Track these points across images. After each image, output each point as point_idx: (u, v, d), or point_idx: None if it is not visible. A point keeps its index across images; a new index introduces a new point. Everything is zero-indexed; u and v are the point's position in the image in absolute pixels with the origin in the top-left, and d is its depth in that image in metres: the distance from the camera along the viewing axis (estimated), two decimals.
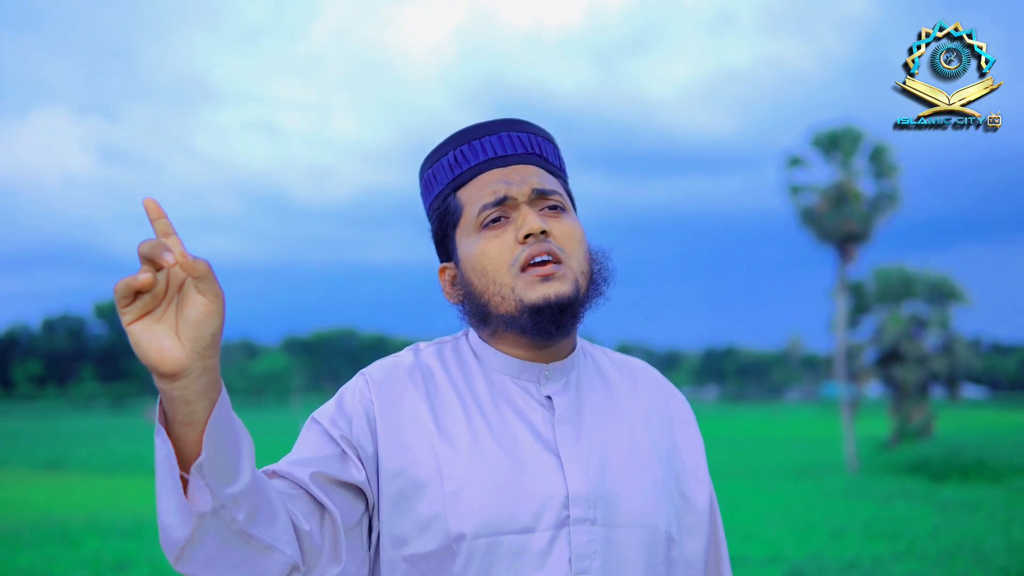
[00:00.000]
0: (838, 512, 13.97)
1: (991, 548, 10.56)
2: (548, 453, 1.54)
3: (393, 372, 1.61)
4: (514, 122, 1.68)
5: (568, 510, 1.51)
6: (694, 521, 1.65)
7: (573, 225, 1.61)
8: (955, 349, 27.43)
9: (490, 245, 1.57)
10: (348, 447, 1.52)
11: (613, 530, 1.53)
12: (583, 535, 1.51)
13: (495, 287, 1.56)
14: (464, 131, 1.66)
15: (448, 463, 1.51)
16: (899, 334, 26.80)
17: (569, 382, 1.63)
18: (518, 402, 1.59)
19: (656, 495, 1.58)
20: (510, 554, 1.48)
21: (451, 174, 1.64)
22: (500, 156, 1.63)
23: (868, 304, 27.39)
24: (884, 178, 23.94)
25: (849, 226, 23.37)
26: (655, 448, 1.63)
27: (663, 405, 1.72)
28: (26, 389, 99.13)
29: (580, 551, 1.50)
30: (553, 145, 1.71)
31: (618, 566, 1.52)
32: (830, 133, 23.89)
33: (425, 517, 1.50)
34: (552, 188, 1.61)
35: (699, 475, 1.68)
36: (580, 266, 1.58)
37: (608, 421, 1.62)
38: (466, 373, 1.63)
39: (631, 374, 1.73)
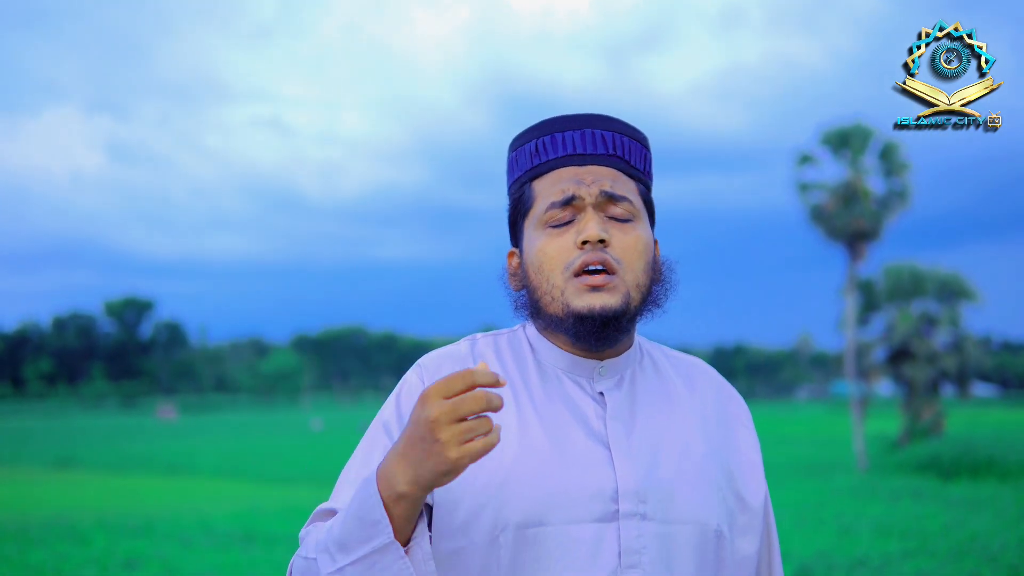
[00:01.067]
0: (848, 510, 13.96)
1: (1001, 546, 10.54)
2: (599, 447, 1.55)
3: (447, 361, 1.63)
4: (601, 119, 1.65)
5: (617, 504, 1.51)
6: (748, 521, 1.64)
7: (637, 236, 1.58)
8: (965, 347, 27.35)
9: (550, 244, 1.57)
10: None
11: (664, 526, 1.52)
12: (632, 529, 1.50)
13: (547, 286, 1.57)
14: (550, 121, 1.65)
15: (497, 455, 1.52)
16: (909, 332, 26.73)
17: (623, 379, 1.63)
18: (571, 396, 1.60)
19: (708, 493, 1.57)
20: (559, 545, 1.49)
21: (530, 163, 1.64)
22: (579, 154, 1.61)
23: (878, 302, 27.32)
24: (894, 176, 23.87)
25: (859, 224, 23.32)
26: (710, 447, 1.62)
27: (720, 405, 1.71)
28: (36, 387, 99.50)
29: (629, 545, 1.50)
30: (641, 147, 1.68)
31: (668, 561, 1.52)
32: (839, 131, 23.82)
33: (473, 507, 1.50)
34: (623, 194, 1.59)
35: (755, 475, 1.68)
36: (635, 279, 1.57)
37: (662, 419, 1.62)
38: (520, 364, 1.64)
39: (689, 373, 1.73)
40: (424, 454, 1.31)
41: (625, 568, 1.49)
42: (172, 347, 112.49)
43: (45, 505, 15.49)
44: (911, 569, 9.40)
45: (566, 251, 1.56)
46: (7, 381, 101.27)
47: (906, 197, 23.77)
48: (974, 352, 27.55)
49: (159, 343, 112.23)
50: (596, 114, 1.65)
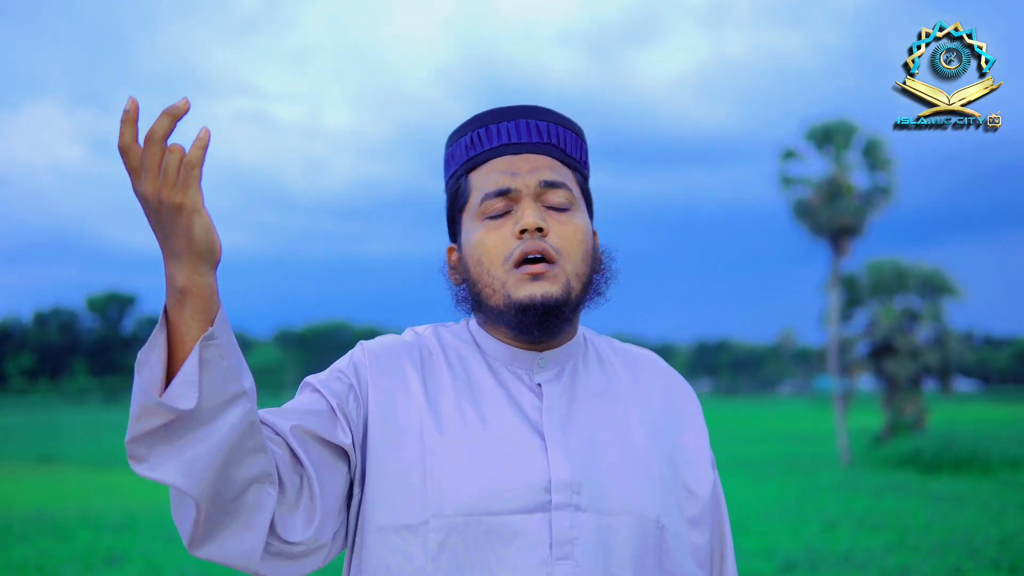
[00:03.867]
0: (831, 505, 14.00)
1: (983, 540, 10.59)
2: (535, 438, 1.54)
3: (392, 346, 1.64)
4: (535, 109, 1.65)
5: (550, 495, 1.50)
6: (698, 512, 1.64)
7: (575, 225, 1.58)
8: (948, 342, 27.46)
9: (488, 236, 1.57)
10: (338, 408, 1.52)
11: (599, 517, 1.52)
12: (565, 520, 1.50)
13: (488, 278, 1.57)
14: (485, 114, 1.65)
15: (433, 441, 1.52)
16: (892, 327, 26.83)
17: (563, 370, 1.63)
18: (510, 388, 1.60)
19: (648, 484, 1.57)
20: (490, 534, 1.48)
21: (465, 155, 1.63)
22: (513, 143, 1.61)
23: (861, 297, 27.41)
24: (878, 171, 23.96)
25: (842, 219, 23.39)
26: (653, 439, 1.62)
27: (667, 395, 1.71)
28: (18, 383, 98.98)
29: (561, 536, 1.49)
30: (577, 137, 1.67)
31: (604, 553, 1.52)
32: (824, 126, 23.89)
33: (407, 491, 1.50)
34: (560, 181, 1.59)
35: (703, 466, 1.67)
36: (575, 268, 1.57)
37: (602, 410, 1.62)
38: (462, 356, 1.64)
39: (634, 364, 1.72)
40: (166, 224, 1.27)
41: (556, 559, 1.49)
42: None
43: (27, 501, 15.41)
44: (894, 563, 9.44)
45: (505, 242, 1.55)
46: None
47: (889, 193, 23.86)
48: (956, 347, 27.67)
49: (141, 338, 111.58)
50: (531, 105, 1.65)
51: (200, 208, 1.26)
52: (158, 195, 1.24)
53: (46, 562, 9.83)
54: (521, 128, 1.62)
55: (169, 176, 1.23)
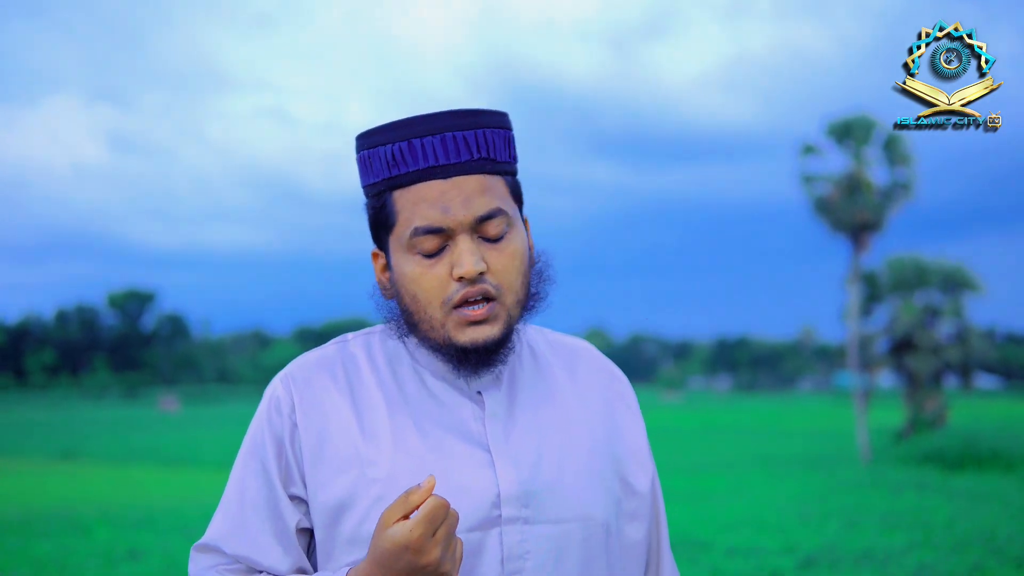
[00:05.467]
0: (851, 502, 13.95)
1: (1005, 538, 10.53)
2: (479, 451, 1.51)
3: (315, 370, 1.58)
4: (460, 116, 1.52)
5: (499, 509, 1.48)
6: (635, 506, 1.62)
7: (513, 250, 1.51)
8: (969, 339, 27.31)
9: (424, 276, 1.49)
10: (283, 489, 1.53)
11: (548, 527, 1.50)
12: (515, 535, 1.48)
13: (425, 316, 1.50)
14: (406, 123, 1.52)
15: (372, 467, 1.49)
16: (912, 324, 26.69)
17: (501, 375, 1.58)
18: (447, 398, 1.55)
19: (593, 487, 1.55)
20: None
21: (387, 172, 1.52)
22: (441, 165, 1.49)
23: (881, 293, 27.29)
24: (898, 167, 23.84)
25: (862, 215, 23.29)
26: (592, 435, 1.60)
27: (603, 388, 1.68)
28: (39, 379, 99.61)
29: (512, 551, 1.48)
30: (503, 131, 1.56)
31: (555, 562, 1.50)
32: (843, 122, 23.78)
33: (353, 527, 1.48)
34: (495, 209, 1.50)
35: (640, 459, 1.65)
36: (515, 297, 1.52)
37: (542, 413, 1.58)
38: (394, 367, 1.59)
39: (570, 358, 1.68)
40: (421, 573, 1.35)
41: (509, 574, 1.47)
42: (174, 339, 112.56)
43: (48, 497, 15.51)
44: (915, 561, 9.39)
45: (442, 285, 1.48)
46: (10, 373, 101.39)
47: (910, 188, 23.74)
48: (978, 344, 27.51)
49: (161, 335, 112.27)
50: (452, 111, 1.52)
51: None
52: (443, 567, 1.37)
53: (67, 558, 9.89)
54: (448, 145, 1.50)
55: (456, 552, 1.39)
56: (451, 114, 1.52)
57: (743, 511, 13.16)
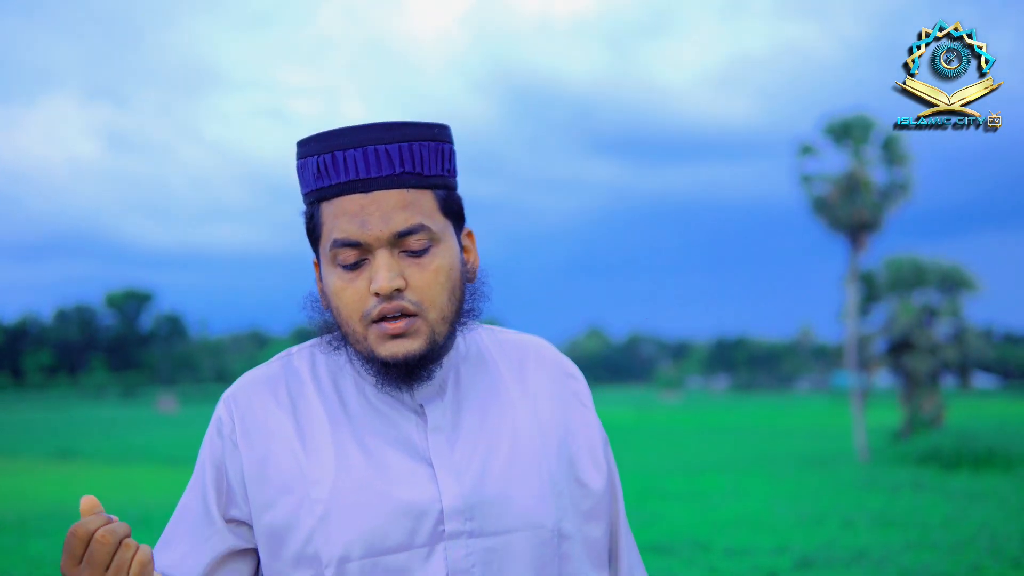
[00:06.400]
0: (848, 502, 13.96)
1: (1003, 537, 10.53)
2: (422, 465, 1.50)
3: (256, 389, 1.57)
4: (385, 128, 1.49)
5: (443, 525, 1.47)
6: (591, 506, 1.59)
7: (436, 267, 1.49)
8: (967, 338, 27.34)
9: (344, 291, 1.48)
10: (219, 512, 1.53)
11: (494, 538, 1.49)
12: (460, 549, 1.47)
13: (350, 330, 1.50)
14: (333, 134, 1.50)
15: (315, 486, 1.48)
16: (910, 323, 26.71)
17: (445, 384, 1.57)
18: (390, 412, 1.54)
19: (542, 493, 1.53)
20: (386, 574, 1.45)
21: (314, 183, 1.51)
22: (362, 179, 1.47)
23: (879, 293, 27.31)
24: (896, 167, 23.86)
25: (860, 215, 23.30)
26: (543, 438, 1.57)
27: (555, 387, 1.64)
28: (37, 379, 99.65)
29: (456, 566, 1.46)
30: (438, 143, 1.53)
31: (501, 574, 1.49)
32: (841, 121, 23.80)
33: (298, 548, 1.47)
34: (416, 225, 1.47)
35: (595, 457, 1.62)
36: (440, 314, 1.49)
37: (488, 421, 1.56)
38: (337, 382, 1.57)
39: (520, 356, 1.66)
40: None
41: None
42: (172, 339, 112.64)
43: (45, 496, 15.51)
44: (912, 561, 9.39)
45: (361, 298, 1.47)
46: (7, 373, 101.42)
47: (908, 188, 23.76)
48: (975, 343, 27.54)
49: (159, 335, 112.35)
50: (380, 123, 1.50)
51: None
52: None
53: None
54: (370, 159, 1.47)
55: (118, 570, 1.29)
56: (379, 126, 1.50)
57: (741, 511, 13.17)
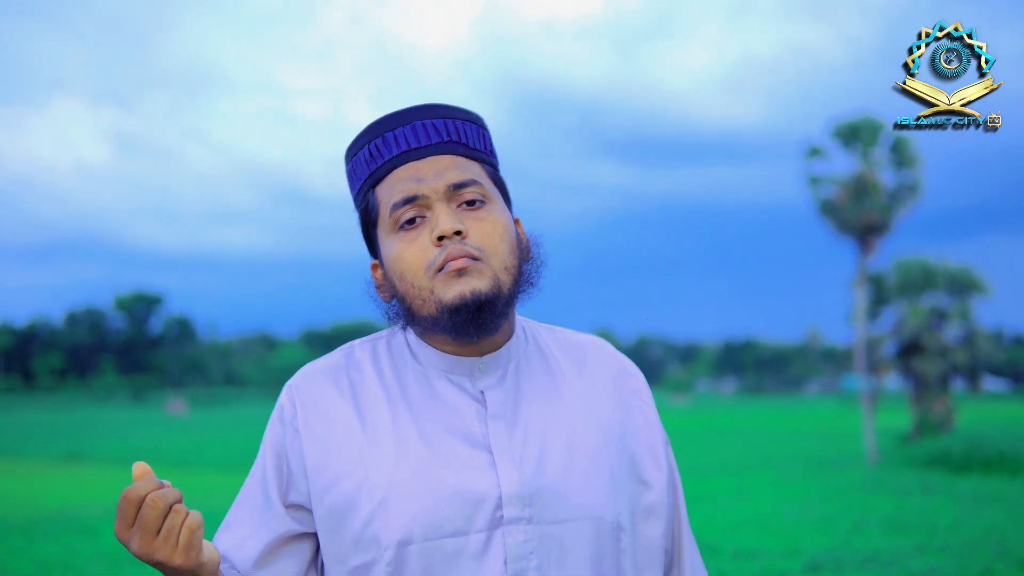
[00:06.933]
0: (858, 505, 13.93)
1: (1013, 541, 10.50)
2: (481, 452, 1.51)
3: (318, 378, 1.60)
4: (429, 108, 1.58)
5: (501, 510, 1.47)
6: (651, 504, 1.59)
7: (494, 219, 1.53)
8: (976, 341, 27.29)
9: (407, 249, 1.51)
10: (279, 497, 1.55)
11: (552, 527, 1.49)
12: (518, 535, 1.47)
13: (415, 291, 1.51)
14: (379, 122, 1.58)
15: (375, 471, 1.49)
16: (919, 326, 26.67)
17: (506, 373, 1.58)
18: (450, 399, 1.55)
19: (601, 485, 1.53)
20: (445, 559, 1.46)
21: (367, 170, 1.58)
22: (414, 148, 1.54)
23: (888, 296, 27.28)
24: (905, 169, 23.85)
25: (869, 217, 23.29)
26: (602, 434, 1.58)
27: (615, 385, 1.66)
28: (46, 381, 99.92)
29: (515, 552, 1.47)
30: (478, 127, 1.61)
31: (558, 563, 1.49)
32: (850, 124, 23.80)
33: (357, 530, 1.48)
34: (470, 179, 1.53)
35: (656, 456, 1.62)
36: (502, 262, 1.51)
37: (548, 412, 1.57)
38: (398, 371, 1.59)
39: (580, 356, 1.67)
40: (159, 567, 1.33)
41: (512, 575, 1.46)
42: (181, 341, 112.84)
43: (54, 498, 15.55)
44: (922, 564, 9.37)
45: (425, 251, 1.50)
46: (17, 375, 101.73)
47: (917, 190, 23.74)
48: (985, 346, 27.50)
49: (168, 338, 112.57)
50: (424, 104, 1.58)
51: (204, 561, 1.35)
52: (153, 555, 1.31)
53: (72, 559, 9.90)
54: (419, 131, 1.55)
55: (170, 540, 1.31)
56: (422, 107, 1.58)
57: (749, 514, 13.14)
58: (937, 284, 27.12)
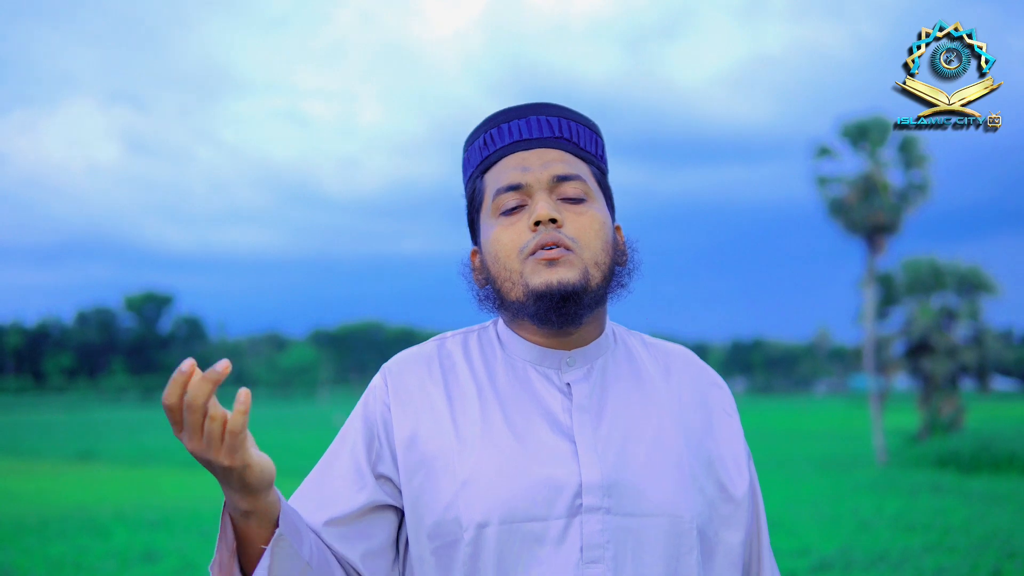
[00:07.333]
0: (867, 505, 13.91)
1: (1022, 541, 10.48)
2: (564, 440, 1.53)
3: (412, 363, 1.64)
4: (547, 106, 1.64)
5: (581, 498, 1.49)
6: (731, 512, 1.61)
7: (593, 215, 1.56)
8: (985, 341, 27.22)
9: (504, 232, 1.56)
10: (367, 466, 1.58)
11: (630, 519, 1.50)
12: (596, 524, 1.49)
13: (506, 273, 1.55)
14: (497, 114, 1.64)
15: (459, 453, 1.53)
16: (928, 326, 26.62)
17: (593, 369, 1.61)
18: (537, 389, 1.58)
19: (682, 485, 1.54)
20: (523, 542, 1.48)
21: (479, 157, 1.63)
22: (525, 139, 1.60)
23: (897, 296, 27.22)
24: (914, 168, 23.78)
25: (878, 217, 23.23)
26: (685, 437, 1.59)
27: (701, 393, 1.68)
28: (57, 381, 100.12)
29: (592, 540, 1.49)
30: (591, 131, 1.65)
31: (633, 556, 1.50)
32: (858, 123, 23.73)
33: (440, 511, 1.51)
34: (574, 174, 1.58)
35: (739, 465, 1.64)
36: (594, 256, 1.54)
37: (633, 409, 1.59)
38: (488, 360, 1.63)
39: (667, 361, 1.69)
40: (216, 473, 1.34)
41: (587, 563, 1.48)
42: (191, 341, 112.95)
43: (65, 498, 15.58)
44: (931, 564, 9.36)
45: (520, 235, 1.54)
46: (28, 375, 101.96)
47: (926, 190, 23.68)
48: (994, 346, 27.43)
49: (178, 337, 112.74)
50: (543, 102, 1.64)
51: (251, 463, 1.33)
52: (203, 455, 1.31)
53: (83, 559, 9.94)
54: (532, 124, 1.61)
55: (214, 442, 1.29)
56: (540, 104, 1.64)
57: None
58: (946, 284, 27.05)
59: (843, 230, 23.79)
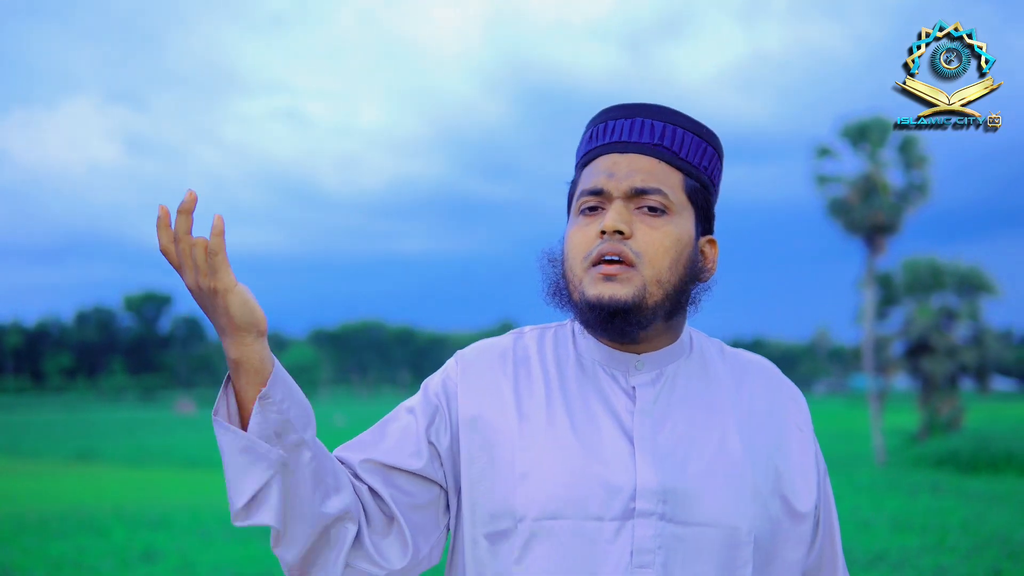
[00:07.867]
0: (866, 505, 13.91)
1: (1022, 540, 10.48)
2: (625, 443, 1.53)
3: (485, 353, 1.65)
4: (656, 110, 1.61)
5: (635, 502, 1.49)
6: (794, 526, 1.59)
7: (668, 230, 1.54)
8: (985, 341, 27.24)
9: (576, 233, 1.57)
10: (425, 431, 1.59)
11: (684, 528, 1.49)
12: (648, 529, 1.48)
13: (571, 274, 1.57)
14: (609, 109, 1.64)
15: (521, 446, 1.54)
16: (928, 326, 26.63)
17: (662, 374, 1.60)
18: (604, 390, 1.58)
19: (741, 495, 1.53)
20: (574, 539, 1.49)
21: (584, 149, 1.64)
22: (622, 141, 1.59)
23: (897, 296, 27.24)
24: (913, 169, 23.79)
25: (878, 217, 23.24)
26: (751, 450, 1.57)
27: (774, 405, 1.66)
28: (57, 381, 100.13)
29: (643, 545, 1.48)
30: (703, 142, 1.62)
31: (683, 564, 1.49)
32: (858, 123, 23.74)
33: (497, 500, 1.52)
34: (655, 186, 1.54)
35: (807, 481, 1.62)
36: (656, 274, 1.53)
37: (698, 417, 1.58)
38: (560, 357, 1.63)
39: (742, 371, 1.68)
40: (208, 306, 1.43)
41: (636, 568, 1.47)
42: (190, 341, 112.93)
43: (64, 497, 15.59)
44: (930, 564, 9.36)
45: (588, 240, 1.54)
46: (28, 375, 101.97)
47: (925, 190, 23.69)
48: (994, 346, 27.45)
49: (178, 337, 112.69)
50: (655, 104, 1.62)
51: (232, 287, 1.41)
52: (197, 284, 1.40)
53: (83, 558, 9.94)
54: (635, 126, 1.60)
55: (200, 266, 1.39)
56: (655, 106, 1.62)
57: None
58: (946, 284, 27.07)
59: (843, 230, 23.80)
